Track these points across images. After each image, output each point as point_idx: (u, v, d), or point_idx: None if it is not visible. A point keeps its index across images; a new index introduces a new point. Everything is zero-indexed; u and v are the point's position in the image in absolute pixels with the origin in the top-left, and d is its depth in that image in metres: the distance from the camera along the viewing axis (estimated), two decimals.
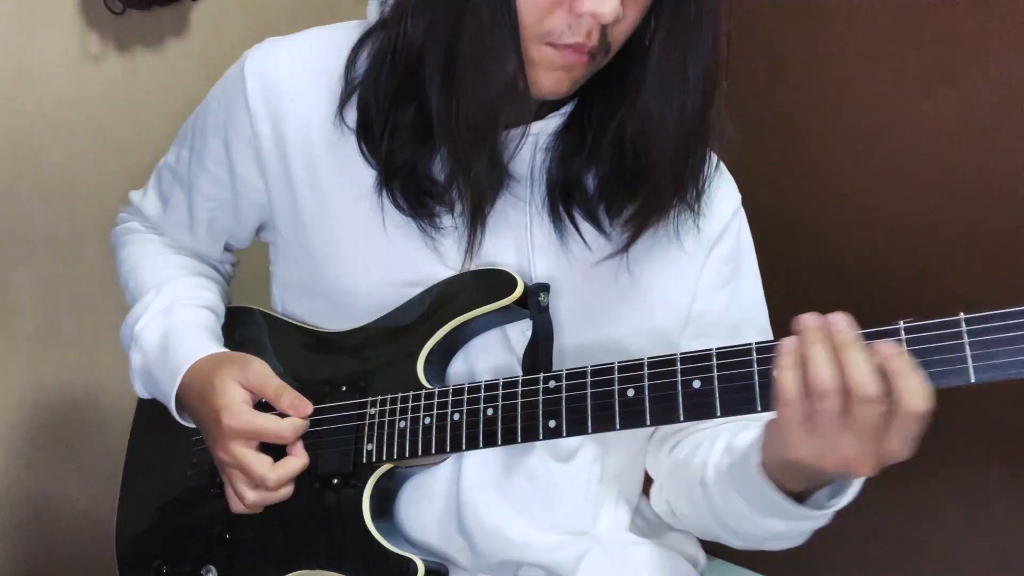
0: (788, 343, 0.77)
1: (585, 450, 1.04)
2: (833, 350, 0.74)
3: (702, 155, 0.96)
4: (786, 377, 0.76)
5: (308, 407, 0.99)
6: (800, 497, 0.88)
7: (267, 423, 0.97)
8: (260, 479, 0.96)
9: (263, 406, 1.01)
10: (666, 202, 0.96)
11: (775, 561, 1.15)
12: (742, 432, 0.97)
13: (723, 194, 1.06)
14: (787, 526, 0.91)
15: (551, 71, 0.89)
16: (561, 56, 0.88)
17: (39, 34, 1.54)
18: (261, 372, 1.00)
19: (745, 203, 1.09)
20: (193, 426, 1.05)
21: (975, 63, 1.63)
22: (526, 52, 0.88)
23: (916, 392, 0.73)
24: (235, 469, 0.97)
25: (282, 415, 0.99)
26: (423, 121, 0.93)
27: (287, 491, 0.98)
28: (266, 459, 0.97)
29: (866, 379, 0.73)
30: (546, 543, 1.02)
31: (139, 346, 1.07)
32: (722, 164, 1.07)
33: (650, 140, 0.92)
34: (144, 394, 1.10)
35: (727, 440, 0.98)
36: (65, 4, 1.56)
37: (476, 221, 0.96)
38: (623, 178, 0.95)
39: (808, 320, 0.76)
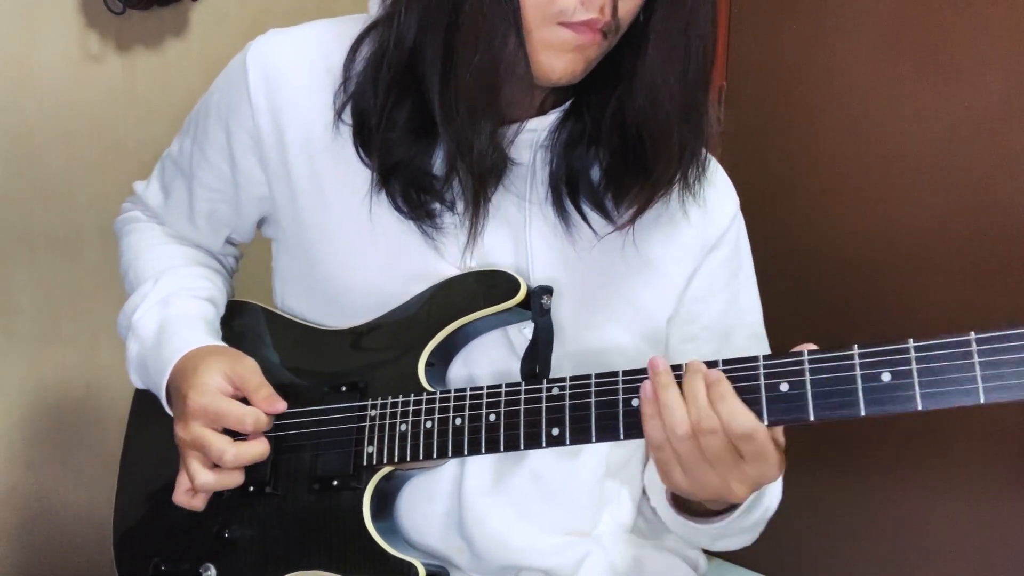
0: (646, 391, 0.82)
1: (589, 448, 1.04)
2: (680, 391, 0.81)
3: (703, 126, 0.96)
4: (652, 427, 0.82)
5: (281, 406, 0.99)
6: None
7: (230, 406, 0.97)
8: (218, 453, 0.95)
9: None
10: (672, 174, 0.95)
11: (775, 561, 1.15)
12: None
13: (722, 197, 1.06)
14: (725, 527, 0.97)
15: (564, 53, 0.88)
16: (575, 36, 0.87)
17: (39, 34, 1.53)
18: (250, 367, 1.00)
19: (744, 203, 1.09)
20: None
21: (976, 63, 1.62)
22: (537, 35, 0.87)
23: (737, 415, 0.78)
24: (192, 448, 0.96)
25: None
26: (421, 117, 0.93)
27: (239, 478, 0.98)
28: (227, 439, 0.96)
29: (705, 413, 0.79)
30: (547, 546, 1.02)
31: (136, 335, 1.06)
32: (721, 168, 1.07)
33: (657, 109, 0.91)
34: (139, 384, 1.09)
35: None
36: (65, 4, 1.56)
37: (478, 205, 0.95)
38: (627, 158, 0.95)
39: (659, 364, 0.82)
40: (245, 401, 0.99)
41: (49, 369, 1.63)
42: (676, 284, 1.04)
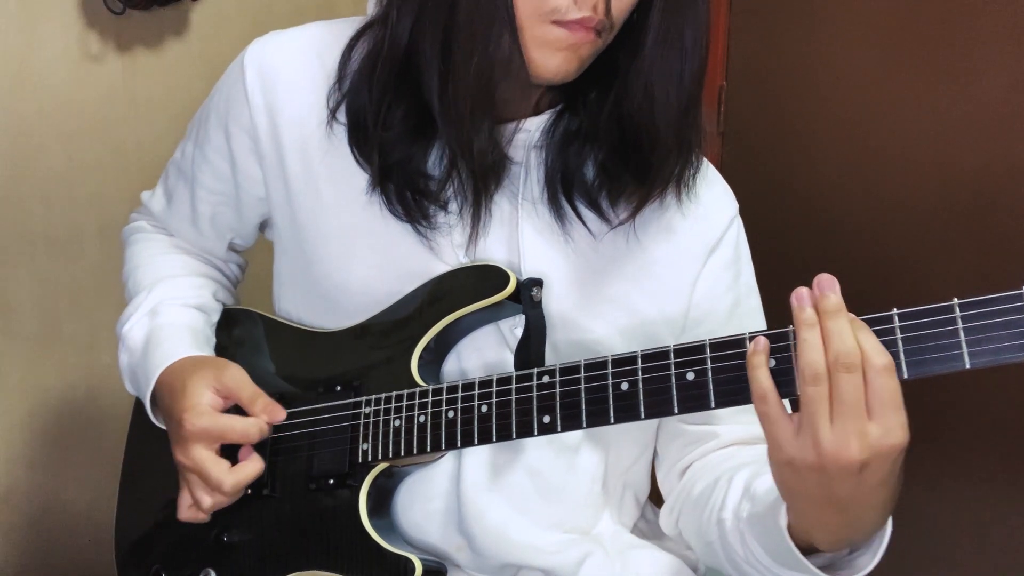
0: (807, 318, 0.75)
1: (588, 445, 1.04)
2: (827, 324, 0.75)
3: (698, 125, 0.95)
4: (812, 354, 0.74)
5: (281, 414, 1.00)
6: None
7: (231, 423, 0.98)
8: (217, 483, 0.96)
9: (234, 412, 1.01)
10: (668, 172, 0.95)
11: None
12: (763, 475, 0.94)
13: (720, 200, 1.06)
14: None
15: (558, 51, 0.88)
16: (569, 34, 0.87)
17: (39, 34, 1.54)
18: (236, 377, 1.00)
19: (745, 203, 1.09)
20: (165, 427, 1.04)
21: (976, 62, 1.63)
22: (531, 33, 0.87)
23: (878, 347, 0.74)
24: (193, 473, 0.97)
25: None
26: (417, 116, 0.93)
27: (239, 494, 0.99)
28: (224, 464, 0.97)
29: (849, 346, 0.73)
30: (547, 544, 1.02)
31: (125, 346, 1.08)
32: (717, 172, 1.07)
33: (655, 107, 0.91)
34: (133, 392, 1.10)
35: (746, 481, 0.96)
36: (65, 4, 1.56)
37: (480, 204, 0.95)
38: (625, 156, 0.94)
39: (803, 294, 0.77)
40: (238, 409, 1.00)
41: (49, 369, 1.63)
42: (677, 287, 1.03)
